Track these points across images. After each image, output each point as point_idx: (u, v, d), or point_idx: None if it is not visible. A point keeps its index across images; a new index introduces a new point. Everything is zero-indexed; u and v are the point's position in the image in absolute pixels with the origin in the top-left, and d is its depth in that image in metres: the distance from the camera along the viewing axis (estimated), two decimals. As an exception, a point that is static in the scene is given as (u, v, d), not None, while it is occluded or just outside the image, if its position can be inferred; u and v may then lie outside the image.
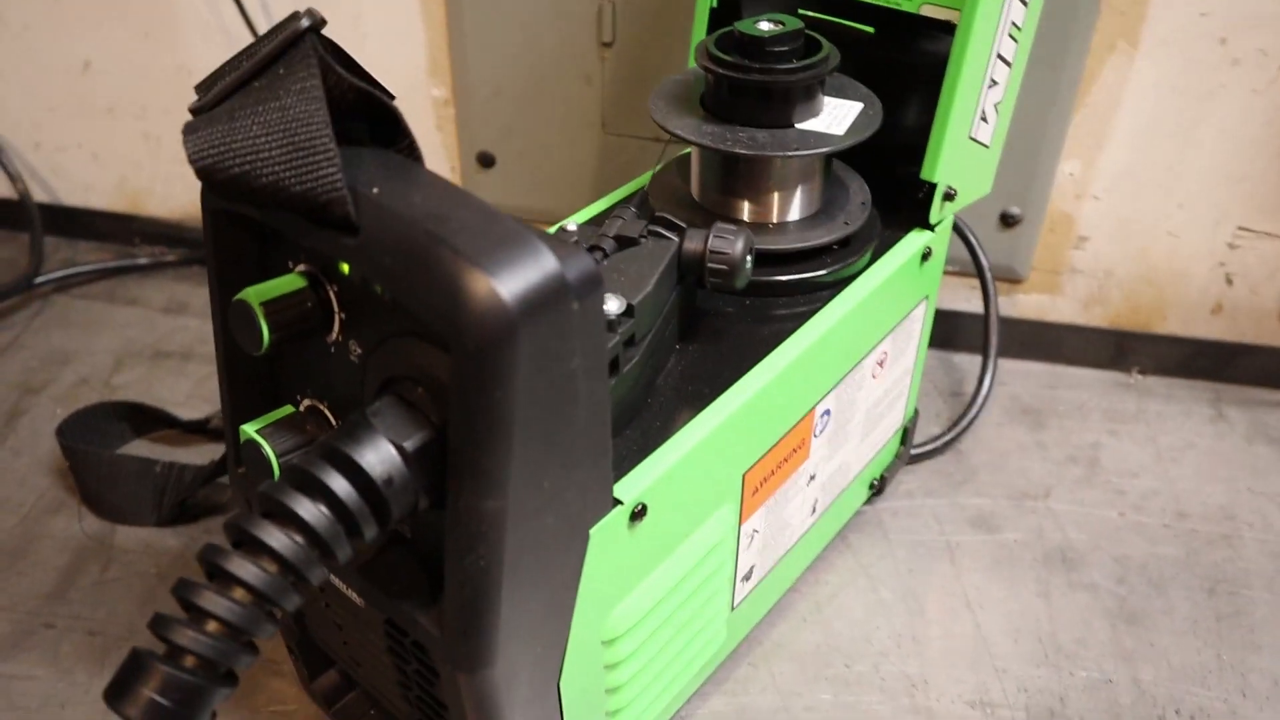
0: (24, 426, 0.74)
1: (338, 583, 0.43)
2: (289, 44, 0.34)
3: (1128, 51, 0.70)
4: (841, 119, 0.51)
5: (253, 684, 0.57)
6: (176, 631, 0.31)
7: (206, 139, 0.33)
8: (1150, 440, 0.74)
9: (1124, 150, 0.74)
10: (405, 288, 0.32)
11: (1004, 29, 0.54)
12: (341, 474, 0.33)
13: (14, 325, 0.84)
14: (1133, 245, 0.78)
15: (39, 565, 0.64)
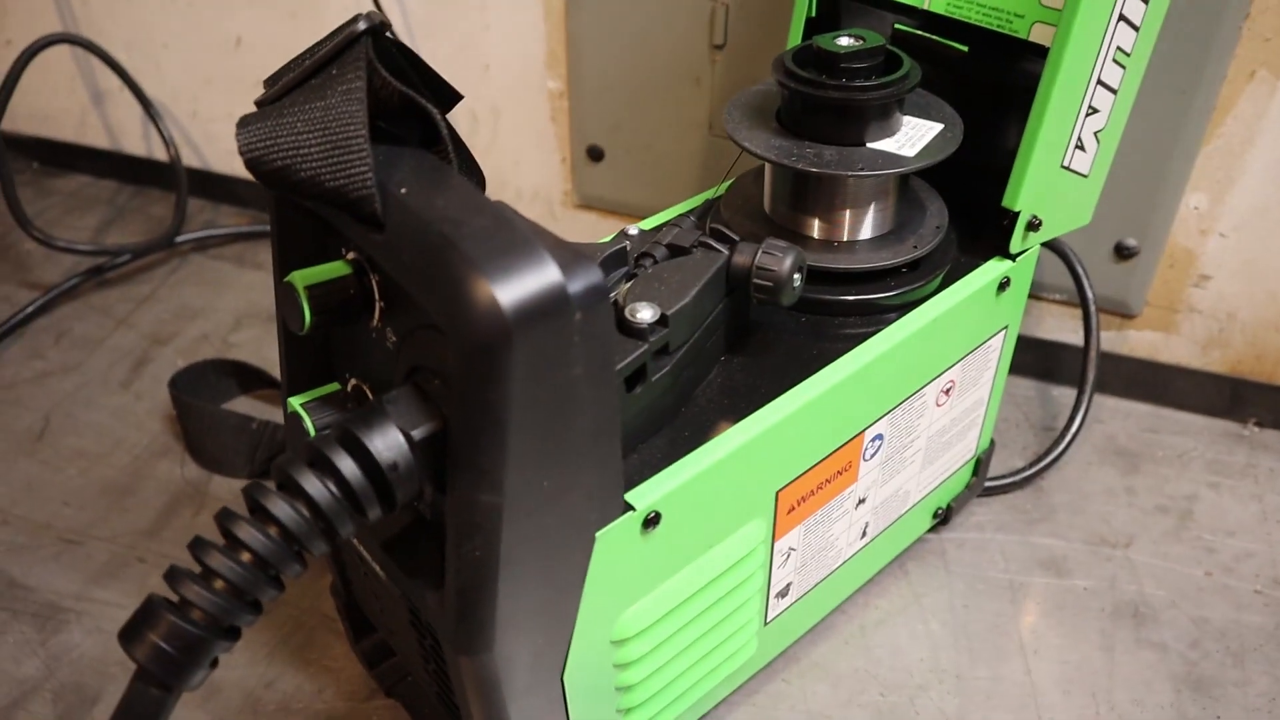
0: (148, 374, 0.80)
1: (366, 555, 0.45)
2: (345, 46, 0.36)
3: (1269, 81, 0.66)
4: (917, 140, 0.50)
5: (308, 637, 0.60)
6: (185, 585, 0.34)
7: (255, 132, 0.35)
8: (1256, 498, 0.70)
9: (1257, 186, 0.69)
10: (420, 285, 0.33)
11: (1106, 54, 0.51)
12: (351, 456, 0.35)
13: (154, 279, 0.91)
14: (1260, 288, 0.73)
15: (141, 503, 0.69)
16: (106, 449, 0.74)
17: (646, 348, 0.41)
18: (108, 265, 0.90)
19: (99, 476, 0.71)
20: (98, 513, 0.69)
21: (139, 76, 0.96)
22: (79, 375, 0.80)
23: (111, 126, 1.03)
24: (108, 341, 0.84)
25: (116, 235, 0.98)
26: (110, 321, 0.86)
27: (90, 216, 1.00)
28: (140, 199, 1.03)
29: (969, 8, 0.56)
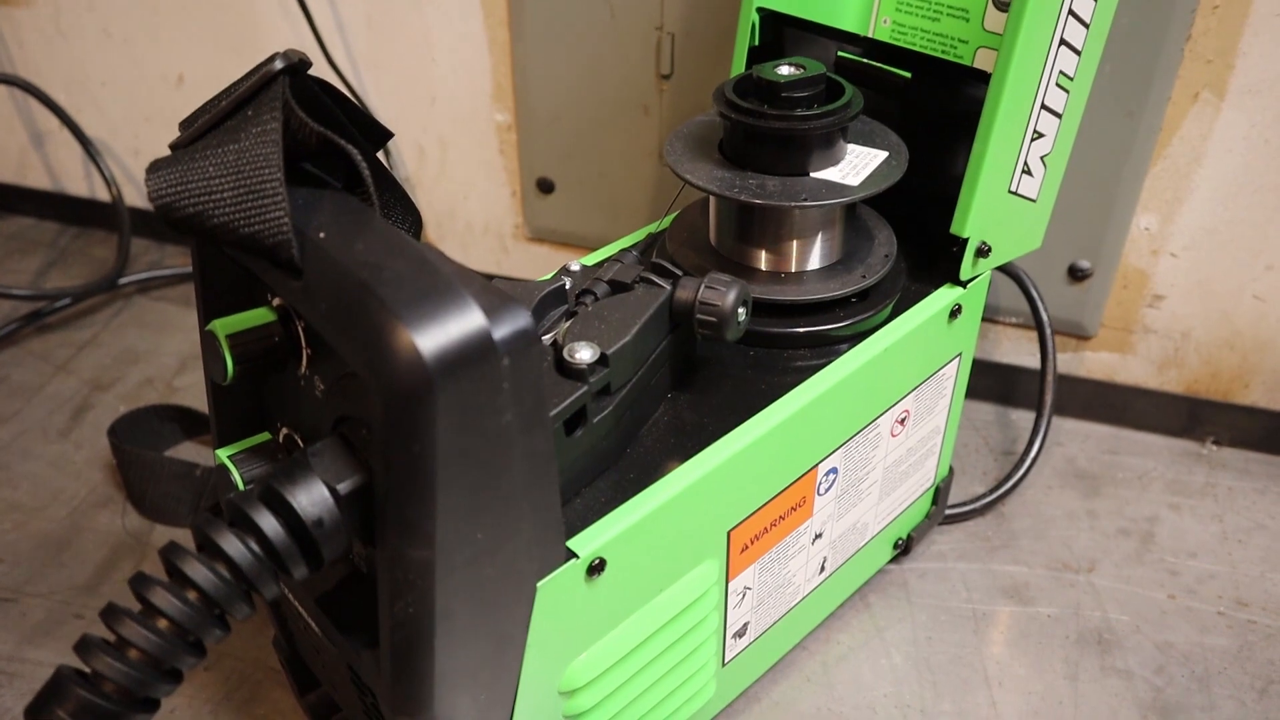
0: (88, 422, 0.78)
1: (302, 611, 0.43)
2: (261, 86, 0.35)
3: (1213, 102, 0.66)
4: (862, 168, 0.50)
5: (253, 691, 0.58)
6: (96, 657, 0.32)
7: (165, 178, 0.33)
8: (1216, 518, 0.69)
9: (1206, 206, 0.69)
10: (339, 333, 0.32)
11: (1049, 79, 0.51)
12: (273, 513, 0.33)
13: (95, 323, 0.89)
14: (1214, 307, 0.73)
15: (79, 557, 0.67)
16: (43, 501, 0.71)
17: (586, 389, 0.40)
18: (47, 309, 0.88)
19: (35, 530, 0.69)
20: (33, 568, 0.66)
21: (78, 116, 0.94)
22: (15, 424, 0.78)
23: (52, 167, 1.01)
24: (46, 389, 0.81)
25: (58, 278, 0.95)
26: (49, 368, 0.84)
27: (31, 259, 0.98)
28: (83, 240, 1.00)
29: (913, 35, 0.55)
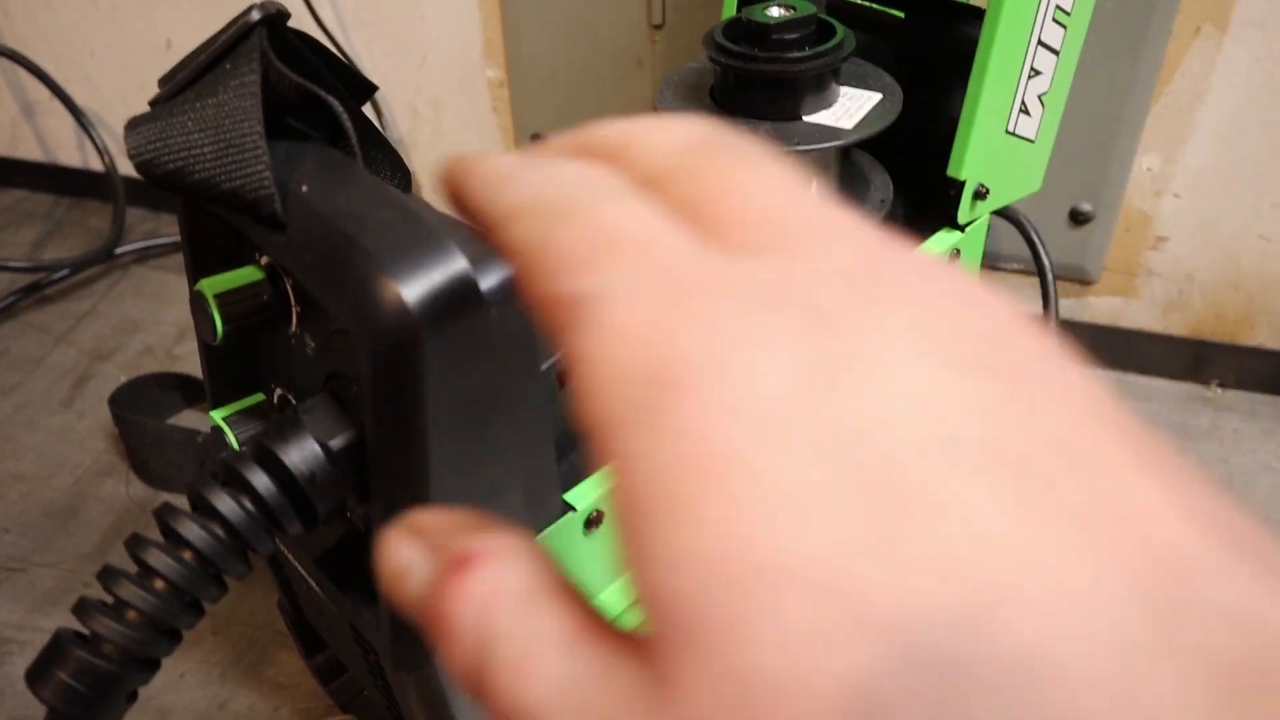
0: (90, 391, 0.78)
1: (303, 571, 0.43)
2: (238, 38, 0.34)
3: (1214, 36, 0.65)
4: (855, 111, 0.49)
5: (260, 654, 0.58)
6: (94, 619, 0.32)
7: (144, 134, 0.33)
8: (1222, 460, 0.69)
9: (1209, 144, 0.68)
10: (324, 286, 0.32)
11: (1046, 13, 0.50)
12: (265, 470, 0.33)
13: (94, 293, 0.89)
14: (1218, 248, 0.72)
15: (85, 525, 0.67)
16: (48, 471, 0.71)
17: (580, 340, 0.40)
18: (45, 281, 0.87)
19: (41, 500, 0.69)
20: (41, 538, 0.66)
21: (69, 86, 0.93)
22: (18, 396, 0.78)
23: (44, 138, 1.00)
24: (47, 360, 0.81)
25: (54, 249, 0.95)
26: (49, 339, 0.84)
27: (27, 231, 0.97)
28: (78, 211, 1.00)
29: (905, -27, 0.54)
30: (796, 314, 0.14)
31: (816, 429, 0.13)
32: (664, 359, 0.14)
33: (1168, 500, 0.13)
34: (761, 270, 0.14)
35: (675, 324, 0.14)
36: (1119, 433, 0.13)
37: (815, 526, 0.12)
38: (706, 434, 0.13)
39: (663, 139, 0.17)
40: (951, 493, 0.12)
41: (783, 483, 0.13)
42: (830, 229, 0.15)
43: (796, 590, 0.12)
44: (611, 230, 0.15)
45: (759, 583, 0.12)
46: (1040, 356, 0.14)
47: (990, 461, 0.13)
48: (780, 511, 0.12)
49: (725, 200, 0.16)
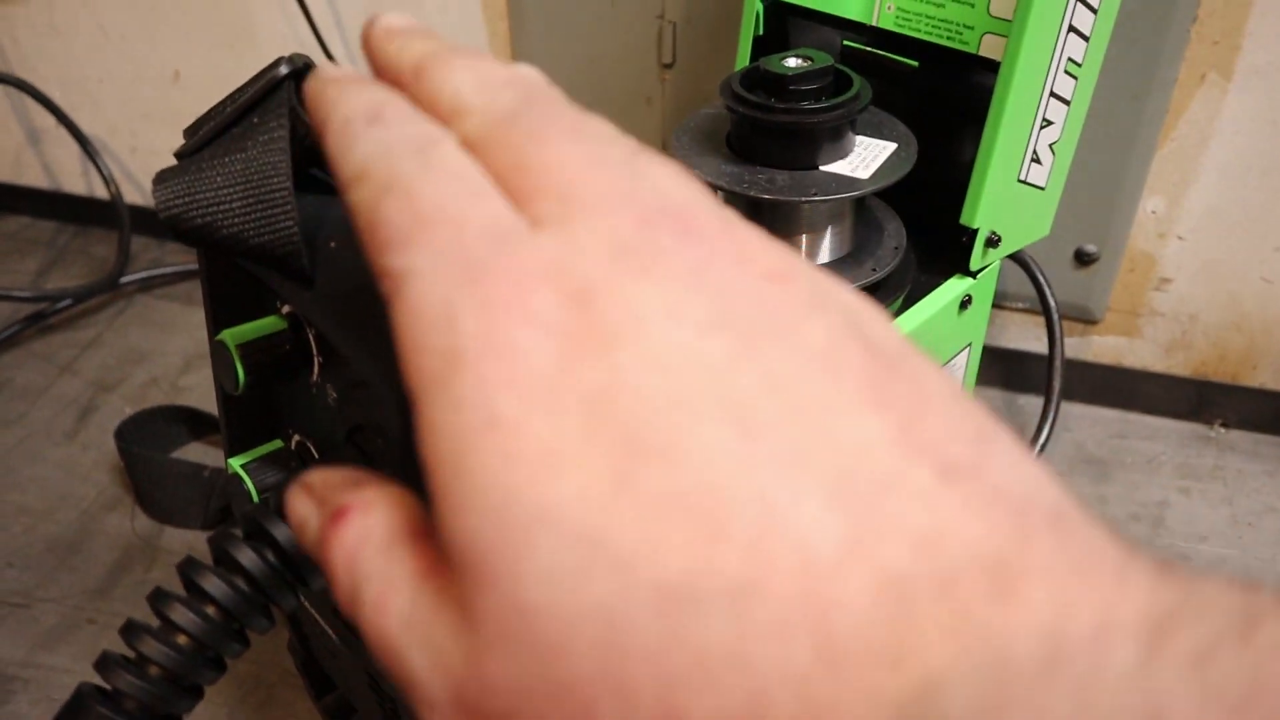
0: (94, 423, 0.78)
1: (319, 619, 0.43)
2: (266, 91, 0.35)
3: (1219, 83, 0.66)
4: (871, 160, 0.49)
5: (268, 694, 0.58)
6: (117, 675, 0.32)
7: (173, 189, 0.33)
8: (1226, 501, 0.69)
9: (1213, 188, 0.69)
10: (351, 345, 0.32)
11: (1058, 66, 0.50)
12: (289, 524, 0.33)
13: (98, 323, 0.88)
14: (1221, 289, 0.72)
15: (90, 560, 0.67)
16: (52, 504, 0.71)
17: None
18: (49, 310, 0.87)
19: (44, 534, 0.69)
20: (44, 572, 0.66)
21: (75, 113, 0.93)
22: (21, 427, 0.78)
23: (49, 165, 1.00)
24: (51, 390, 0.81)
25: (59, 278, 0.95)
26: (53, 369, 0.83)
27: (30, 259, 0.97)
28: (82, 239, 1.00)
29: (917, 22, 0.55)
30: (564, 289, 0.16)
31: (571, 393, 0.15)
32: (450, 337, 0.16)
33: (883, 431, 0.15)
34: (545, 246, 0.17)
35: (461, 305, 0.16)
36: (842, 373, 0.16)
37: (568, 478, 0.15)
38: (481, 403, 0.15)
39: (493, 100, 0.19)
40: (682, 442, 0.15)
41: (541, 442, 0.15)
42: (618, 199, 0.17)
43: (552, 534, 0.15)
44: (426, 208, 0.17)
45: (523, 529, 0.15)
46: (780, 309, 0.16)
47: (718, 412, 0.15)
48: (539, 467, 0.15)
49: (532, 171, 0.18)
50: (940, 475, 0.15)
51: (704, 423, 0.15)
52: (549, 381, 0.15)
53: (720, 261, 0.17)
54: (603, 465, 0.15)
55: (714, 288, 0.16)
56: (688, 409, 0.15)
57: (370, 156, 0.19)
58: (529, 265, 0.16)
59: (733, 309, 0.16)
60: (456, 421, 0.16)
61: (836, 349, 0.16)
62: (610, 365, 0.15)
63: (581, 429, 0.15)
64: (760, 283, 0.17)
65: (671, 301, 0.16)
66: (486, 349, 0.16)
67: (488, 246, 0.17)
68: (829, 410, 0.15)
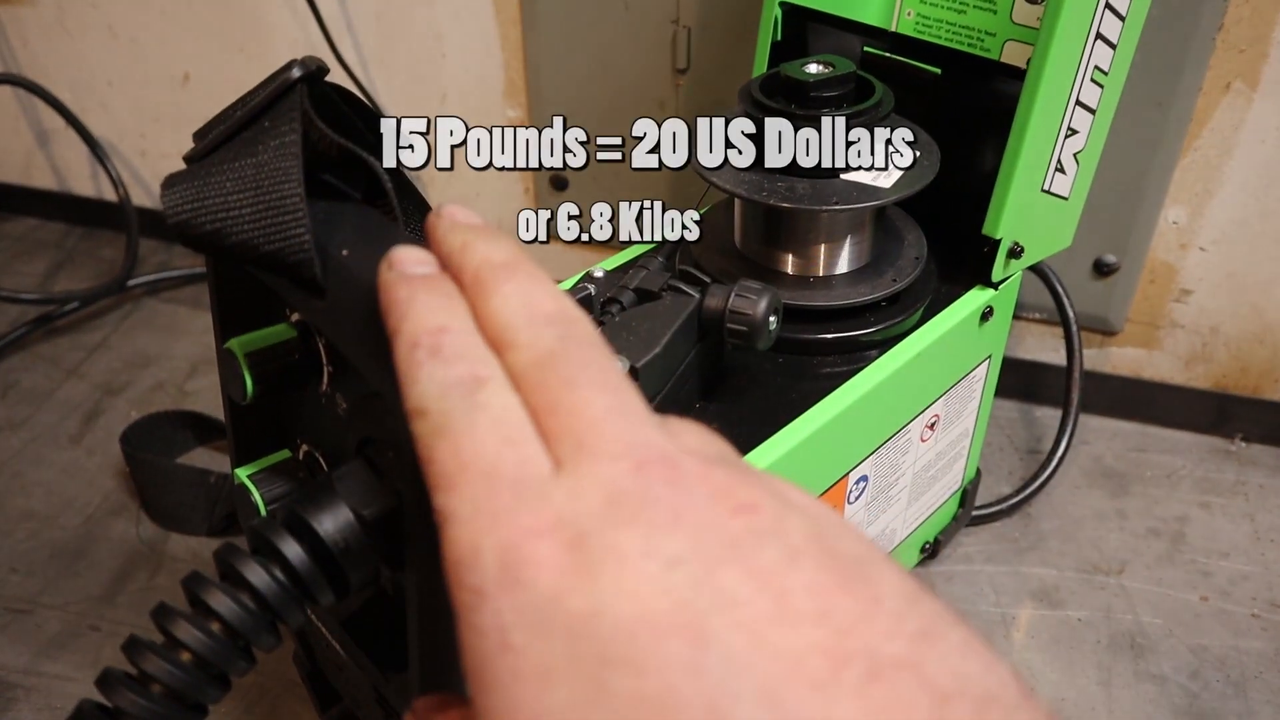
0: (100, 427, 0.77)
1: (325, 633, 0.42)
2: (278, 95, 0.34)
3: (1245, 92, 0.64)
4: (893, 169, 0.48)
5: (273, 705, 0.57)
6: (119, 693, 0.31)
7: (182, 194, 0.32)
8: (1247, 517, 0.68)
9: (1237, 198, 0.68)
10: (364, 355, 0.31)
11: (1085, 74, 0.49)
12: (297, 540, 0.32)
13: (105, 326, 0.88)
14: (1243, 301, 0.71)
15: (94, 567, 0.66)
16: (56, 509, 0.70)
17: (616, 403, 0.39)
18: (56, 313, 0.87)
19: (49, 539, 0.68)
20: (47, 578, 0.65)
21: (84, 116, 0.93)
22: (27, 431, 0.77)
23: (58, 167, 1.00)
24: (57, 394, 0.80)
25: (66, 280, 0.94)
26: (60, 372, 0.83)
27: (38, 261, 0.97)
28: (90, 241, 0.99)
29: (938, 28, 0.54)
30: (563, 537, 0.20)
31: (561, 621, 0.19)
32: (476, 575, 0.20)
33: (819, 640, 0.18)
34: (555, 496, 0.20)
35: (485, 550, 0.20)
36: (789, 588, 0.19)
37: (559, 688, 0.18)
38: (496, 631, 0.19)
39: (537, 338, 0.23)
40: (646, 654, 0.18)
41: (538, 660, 0.19)
42: (616, 448, 0.21)
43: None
44: (467, 455, 0.21)
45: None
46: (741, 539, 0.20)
47: (676, 629, 0.18)
48: (537, 681, 0.19)
49: (561, 414, 0.22)
50: (866, 677, 0.18)
51: (664, 638, 0.18)
52: (545, 612, 0.19)
53: (697, 503, 0.20)
54: (584, 676, 0.18)
55: (688, 527, 0.20)
56: (652, 627, 0.18)
57: (428, 395, 0.23)
58: (541, 513, 0.20)
59: (700, 543, 0.19)
60: (481, 646, 0.20)
61: (787, 567, 0.19)
62: (592, 596, 0.19)
63: (567, 648, 0.19)
64: (728, 517, 0.20)
65: (649, 542, 0.19)
66: (501, 588, 0.19)
67: (510, 498, 0.20)
68: (772, 623, 0.18)
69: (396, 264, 0.26)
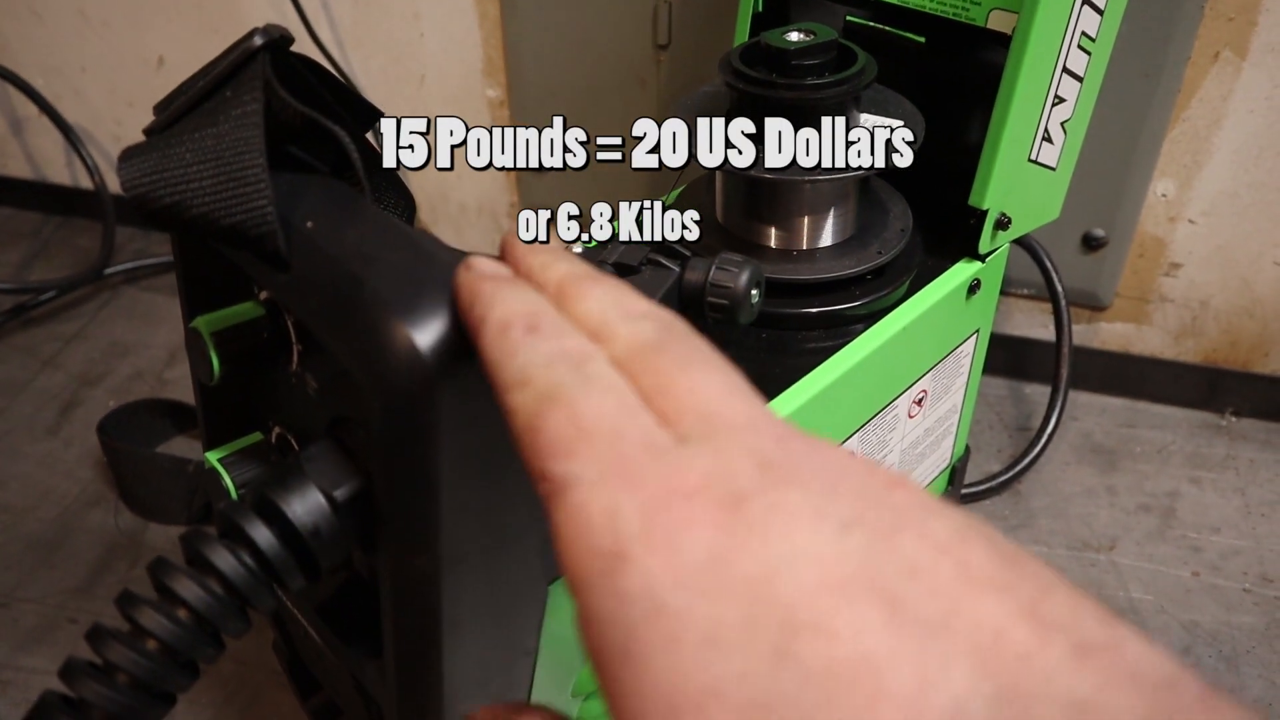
0: (78, 418, 0.76)
1: (300, 618, 0.42)
2: (240, 64, 0.33)
3: (1234, 61, 0.64)
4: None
5: (254, 694, 0.56)
6: (83, 683, 0.30)
7: (140, 166, 0.31)
8: (1238, 491, 0.68)
9: (1225, 170, 0.67)
10: (331, 329, 0.30)
11: (1071, 40, 0.48)
12: (266, 523, 0.31)
13: (82, 315, 0.86)
14: (1232, 274, 0.71)
15: (72, 558, 0.65)
16: (33, 501, 0.69)
17: (595, 380, 0.38)
18: (32, 302, 0.85)
19: (25, 532, 0.67)
20: (24, 571, 0.64)
21: (58, 102, 0.91)
22: (2, 422, 0.76)
23: (32, 155, 0.98)
24: (33, 384, 0.79)
25: (42, 269, 0.93)
26: (36, 363, 0.81)
27: (13, 250, 0.95)
28: (66, 229, 0.98)
29: (923, -4, 0.53)
30: (719, 494, 0.18)
31: (731, 583, 0.17)
32: (614, 537, 0.18)
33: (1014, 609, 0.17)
34: (695, 458, 0.19)
35: (624, 508, 0.18)
36: (969, 562, 0.17)
37: (733, 655, 0.17)
38: (645, 595, 0.17)
39: (636, 329, 0.22)
40: (837, 619, 0.17)
41: (704, 625, 0.17)
42: (751, 422, 0.20)
43: (723, 707, 0.16)
44: (588, 420, 0.20)
45: (695, 705, 0.16)
46: (906, 509, 0.18)
47: (864, 594, 0.17)
48: (704, 647, 0.17)
49: (676, 395, 0.21)
50: (1074, 652, 0.16)
51: (854, 603, 0.17)
52: (708, 574, 0.17)
53: (852, 473, 0.19)
54: (762, 643, 0.16)
55: (850, 493, 0.18)
56: (839, 590, 0.17)
57: (531, 365, 0.21)
58: (686, 473, 0.19)
59: (867, 510, 0.18)
60: (623, 612, 0.18)
61: (960, 542, 0.18)
62: (766, 558, 0.17)
63: (742, 613, 0.17)
64: (885, 489, 0.19)
65: (815, 504, 0.18)
66: (649, 547, 0.18)
67: (646, 457, 0.19)
68: (963, 592, 0.17)
69: (475, 267, 0.26)
